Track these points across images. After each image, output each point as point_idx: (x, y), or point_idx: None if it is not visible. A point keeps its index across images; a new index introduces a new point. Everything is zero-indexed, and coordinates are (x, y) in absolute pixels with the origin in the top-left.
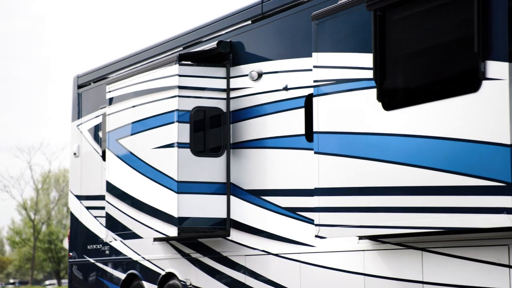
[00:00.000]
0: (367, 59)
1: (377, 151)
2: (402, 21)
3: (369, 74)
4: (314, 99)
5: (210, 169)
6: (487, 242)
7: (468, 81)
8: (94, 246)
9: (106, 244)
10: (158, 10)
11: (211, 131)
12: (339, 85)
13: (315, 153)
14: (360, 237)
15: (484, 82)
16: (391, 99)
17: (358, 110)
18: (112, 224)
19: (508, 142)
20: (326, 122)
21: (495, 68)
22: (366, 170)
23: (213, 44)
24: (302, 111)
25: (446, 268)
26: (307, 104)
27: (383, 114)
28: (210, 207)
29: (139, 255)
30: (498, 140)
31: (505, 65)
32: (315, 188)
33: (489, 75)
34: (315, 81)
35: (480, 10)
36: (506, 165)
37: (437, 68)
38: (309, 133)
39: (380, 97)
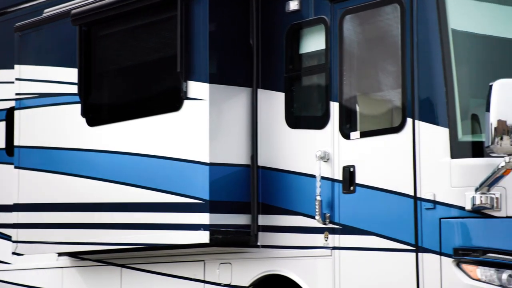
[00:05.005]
0: (72, 74)
1: (80, 167)
2: (108, 38)
3: (74, 89)
4: (16, 112)
5: None
6: (186, 258)
7: (170, 100)
8: None
9: None
10: None
11: None
12: (42, 99)
13: (15, 167)
14: (60, 254)
15: (186, 102)
16: (95, 115)
17: (62, 125)
18: None
19: (208, 161)
20: (28, 136)
21: (196, 88)
22: (68, 186)
23: None
24: (3, 124)
25: (145, 284)
26: (9, 117)
27: (87, 130)
28: None
29: None
30: (198, 159)
31: (206, 86)
32: (14, 204)
33: (190, 95)
34: (17, 94)
35: (183, 32)
36: (205, 183)
37: (142, 85)
38: (10, 147)
39: (84, 113)
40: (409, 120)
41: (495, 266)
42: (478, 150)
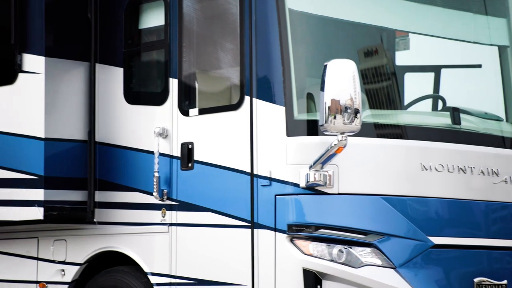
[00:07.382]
0: None
1: None
2: None
3: None
4: None
5: None
6: (18, 235)
7: (4, 72)
8: None
9: None
10: None
11: None
12: None
13: None
14: None
15: (21, 75)
16: None
17: None
18: None
19: (43, 136)
20: None
21: (32, 61)
22: None
23: None
24: None
25: None
26: None
27: None
28: None
29: None
30: (33, 134)
31: (41, 59)
32: None
33: (25, 68)
34: None
35: (18, 3)
36: (40, 158)
37: None
38: None
39: None
40: (247, 98)
41: (327, 242)
42: (313, 128)
